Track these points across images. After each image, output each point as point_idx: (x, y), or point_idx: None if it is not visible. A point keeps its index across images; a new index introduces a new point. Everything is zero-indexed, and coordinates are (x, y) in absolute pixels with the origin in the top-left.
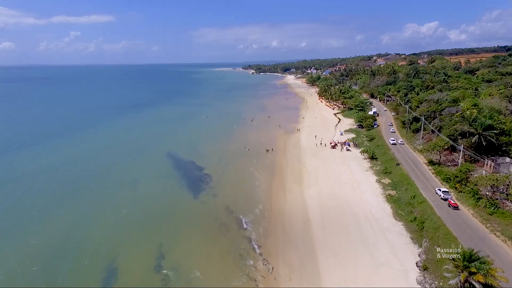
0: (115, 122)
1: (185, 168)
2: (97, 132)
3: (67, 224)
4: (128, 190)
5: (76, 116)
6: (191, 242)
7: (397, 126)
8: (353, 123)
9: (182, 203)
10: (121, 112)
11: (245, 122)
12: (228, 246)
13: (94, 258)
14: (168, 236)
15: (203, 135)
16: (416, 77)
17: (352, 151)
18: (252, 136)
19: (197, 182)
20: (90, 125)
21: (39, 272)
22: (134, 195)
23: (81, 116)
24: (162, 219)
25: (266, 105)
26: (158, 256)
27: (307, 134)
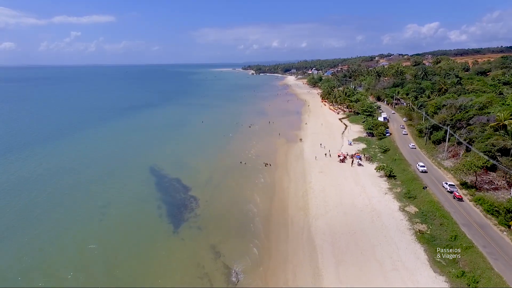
0: (99, 129)
1: (169, 188)
2: (77, 140)
3: (18, 261)
4: (96, 219)
5: (62, 119)
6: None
7: (412, 134)
8: (361, 129)
9: (158, 240)
10: (110, 115)
11: (243, 128)
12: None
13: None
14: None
15: (195, 145)
16: (424, 79)
17: (365, 166)
18: (250, 146)
19: (180, 209)
20: (72, 132)
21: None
22: (102, 226)
23: (68, 120)
24: (130, 263)
25: (265, 108)
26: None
27: (311, 144)
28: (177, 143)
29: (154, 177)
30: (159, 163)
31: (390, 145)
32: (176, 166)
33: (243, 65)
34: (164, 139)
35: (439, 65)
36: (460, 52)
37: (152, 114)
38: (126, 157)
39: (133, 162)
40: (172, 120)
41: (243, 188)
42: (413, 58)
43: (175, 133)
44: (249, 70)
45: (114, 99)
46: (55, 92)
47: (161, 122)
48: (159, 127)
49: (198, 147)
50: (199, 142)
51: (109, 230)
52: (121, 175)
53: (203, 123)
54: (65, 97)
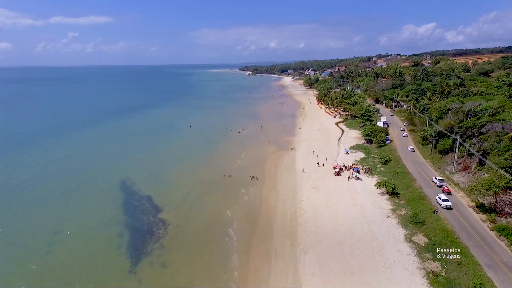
0: (76, 135)
1: (137, 209)
2: (47, 148)
3: None
4: (42, 251)
5: (41, 124)
6: None
7: (415, 142)
8: (359, 135)
9: (108, 282)
10: (94, 119)
11: (232, 134)
12: None
13: None
14: None
15: (176, 154)
16: (425, 80)
17: (364, 180)
18: (236, 155)
19: (145, 237)
20: (45, 138)
21: None
22: (46, 262)
23: (47, 124)
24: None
25: (259, 111)
26: None
27: (304, 152)
28: (157, 152)
29: (123, 194)
30: (133, 176)
31: (391, 155)
32: (151, 180)
33: (241, 65)
34: (144, 148)
35: (439, 66)
36: (459, 53)
37: (139, 118)
38: (97, 169)
39: (104, 175)
40: (158, 124)
41: (223, 209)
42: (411, 59)
43: (158, 140)
44: (246, 71)
45: (102, 101)
46: (45, 94)
47: (146, 127)
48: (142, 133)
49: (180, 157)
50: (182, 150)
51: (52, 269)
52: (86, 192)
53: (190, 128)
54: (53, 99)
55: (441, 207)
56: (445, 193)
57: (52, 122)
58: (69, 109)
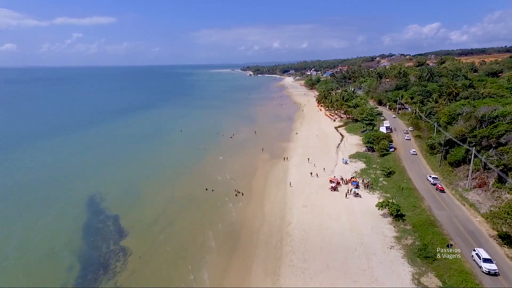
0: (57, 140)
1: (98, 232)
2: (22, 154)
3: None
4: None
5: (26, 127)
6: None
7: (421, 150)
8: (360, 142)
9: None
10: (82, 122)
11: (223, 139)
12: None
13: None
14: None
15: (159, 163)
16: (430, 81)
17: (363, 197)
18: (224, 165)
19: (97, 273)
20: (26, 142)
21: None
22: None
23: (32, 127)
24: None
25: (256, 113)
26: None
27: (299, 161)
28: (139, 161)
29: (87, 213)
30: (104, 190)
31: (395, 166)
32: (124, 195)
33: (244, 66)
34: (126, 156)
35: (444, 66)
36: (465, 52)
37: (130, 121)
38: (67, 181)
39: (72, 188)
40: (148, 128)
41: (198, 233)
42: (416, 59)
43: (143, 147)
44: (248, 71)
45: (98, 102)
46: (43, 95)
47: (135, 131)
48: (129, 138)
49: (162, 167)
50: (166, 159)
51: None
52: (46, 209)
53: (181, 132)
54: (50, 100)
55: (481, 271)
56: (438, 187)
57: (38, 125)
58: (62, 111)
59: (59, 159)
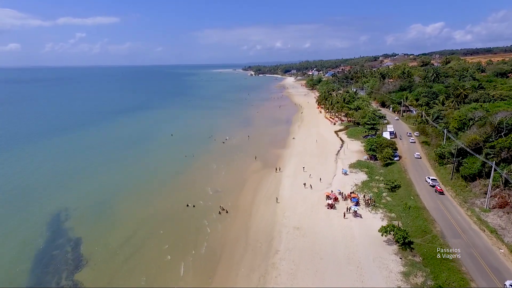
0: (38, 145)
1: (50, 263)
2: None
3: None
4: None
5: (11, 131)
6: None
7: (429, 159)
8: (361, 148)
9: None
10: (72, 124)
11: (215, 145)
12: None
13: None
14: None
15: (141, 174)
16: (436, 81)
17: (364, 218)
18: (211, 176)
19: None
20: (5, 148)
21: None
22: None
23: (16, 132)
24: None
25: (252, 116)
26: None
27: (293, 172)
28: (119, 171)
29: (46, 235)
30: (73, 206)
31: (400, 178)
32: (92, 212)
33: (247, 65)
34: (106, 164)
35: (450, 66)
36: (470, 52)
37: (120, 123)
38: (31, 193)
39: (35, 203)
40: (137, 131)
41: (167, 264)
42: (420, 58)
43: (127, 154)
44: (249, 71)
45: (93, 103)
46: (40, 95)
47: (123, 135)
48: (115, 143)
49: (143, 178)
50: (149, 168)
51: None
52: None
53: (172, 136)
54: (45, 100)
55: None
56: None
57: (24, 128)
58: (53, 113)
59: (29, 167)
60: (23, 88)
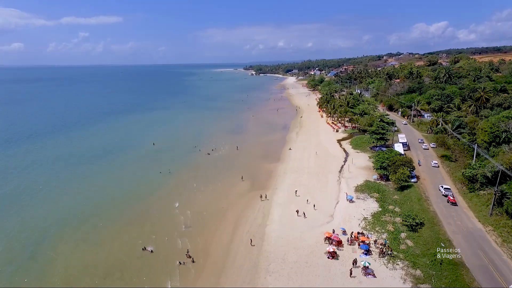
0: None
1: None
2: None
3: None
4: None
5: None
6: None
7: (454, 181)
8: (369, 163)
9: None
10: (48, 129)
11: (198, 157)
12: None
13: None
14: None
15: (98, 198)
16: (448, 82)
17: (378, 276)
18: (182, 203)
19: None
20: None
21: None
22: None
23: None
24: None
25: (247, 120)
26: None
27: (285, 198)
28: (69, 195)
29: None
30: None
31: (421, 210)
32: (13, 263)
33: (249, 65)
34: (56, 186)
35: (460, 65)
36: (478, 51)
37: (101, 128)
38: None
39: None
40: (116, 139)
41: None
42: (426, 57)
43: (92, 169)
44: (250, 71)
45: (81, 104)
46: (32, 95)
47: (96, 144)
48: (85, 154)
49: (98, 205)
50: (111, 189)
51: None
52: None
53: (153, 146)
54: (35, 101)
55: None
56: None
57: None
58: (38, 114)
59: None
60: (17, 88)
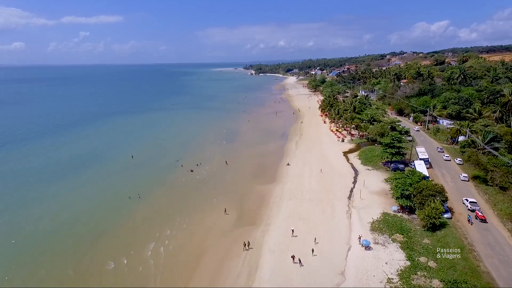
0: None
1: None
2: None
3: None
4: None
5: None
6: None
7: (493, 210)
8: (384, 185)
9: None
10: (20, 137)
11: (178, 174)
12: None
13: None
14: None
15: (38, 234)
16: (462, 84)
17: None
18: (144, 248)
19: None
20: None
21: None
22: None
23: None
24: None
25: (241, 126)
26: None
27: (280, 239)
28: (13, 231)
29: None
30: None
31: (468, 268)
32: None
33: (250, 64)
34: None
35: (469, 65)
36: (486, 50)
37: (79, 135)
38: None
39: None
40: (93, 148)
41: None
42: (433, 57)
43: (46, 191)
44: (250, 70)
45: (71, 105)
46: (23, 96)
47: (71, 155)
48: (50, 169)
49: (29, 250)
50: (59, 222)
51: None
52: None
53: (131, 159)
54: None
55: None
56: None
57: None
58: (16, 117)
59: None
60: (11, 89)
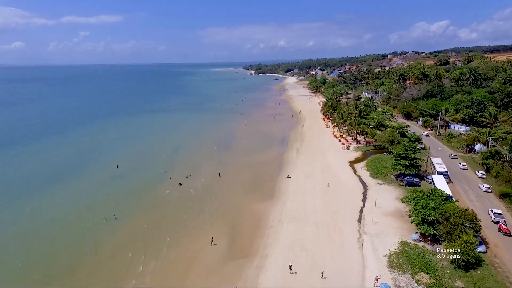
0: None
1: None
2: None
3: None
4: None
5: None
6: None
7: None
8: (399, 205)
9: None
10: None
11: (165, 189)
12: None
13: None
14: None
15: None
16: (473, 85)
17: None
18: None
19: None
20: None
21: None
22: None
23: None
24: None
25: (238, 131)
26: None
27: (278, 282)
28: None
29: None
30: None
31: None
32: None
33: (251, 64)
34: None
35: (475, 65)
36: (490, 49)
37: (64, 141)
38: None
39: None
40: (77, 156)
41: None
42: (435, 56)
43: (18, 207)
44: (250, 70)
45: (64, 106)
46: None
47: (51, 164)
48: (26, 179)
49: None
50: (17, 255)
51: None
52: None
53: (117, 169)
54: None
55: None
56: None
57: None
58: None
59: None
60: (18, 88)
